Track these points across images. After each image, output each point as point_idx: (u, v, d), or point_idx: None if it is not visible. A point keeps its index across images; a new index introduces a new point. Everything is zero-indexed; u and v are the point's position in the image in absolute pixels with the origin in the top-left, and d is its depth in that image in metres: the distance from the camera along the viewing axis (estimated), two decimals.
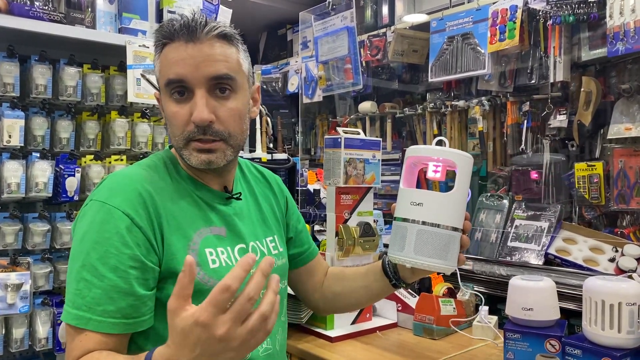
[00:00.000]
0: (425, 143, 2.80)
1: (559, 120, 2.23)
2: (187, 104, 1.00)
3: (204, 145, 1.01)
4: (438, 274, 1.78)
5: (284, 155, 2.03)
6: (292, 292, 1.37)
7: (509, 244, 2.20)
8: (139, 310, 0.94)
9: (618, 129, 2.00)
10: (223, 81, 1.00)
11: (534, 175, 2.31)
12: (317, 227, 2.13)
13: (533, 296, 1.25)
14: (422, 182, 1.29)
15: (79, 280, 0.92)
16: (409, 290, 1.77)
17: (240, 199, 1.16)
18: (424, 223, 1.03)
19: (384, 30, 2.86)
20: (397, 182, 2.96)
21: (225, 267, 1.05)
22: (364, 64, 2.88)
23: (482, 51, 2.35)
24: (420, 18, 2.75)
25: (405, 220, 1.06)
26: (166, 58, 1.01)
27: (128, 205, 0.96)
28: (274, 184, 1.30)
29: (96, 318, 0.90)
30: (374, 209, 1.75)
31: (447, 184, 1.12)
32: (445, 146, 1.09)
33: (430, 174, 1.08)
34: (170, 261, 0.99)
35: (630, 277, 1.46)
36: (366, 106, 3.01)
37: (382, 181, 2.52)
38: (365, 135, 1.81)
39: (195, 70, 0.98)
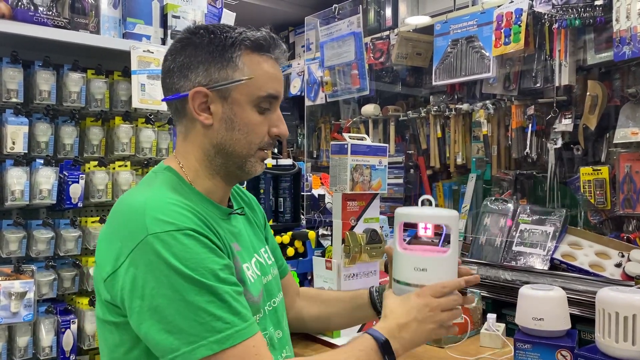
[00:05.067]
0: (428, 146, 2.79)
1: (564, 124, 2.22)
2: (266, 116, 1.05)
3: (267, 155, 1.09)
4: None
5: (289, 161, 2.02)
6: None
7: (514, 248, 2.20)
8: None
9: (624, 133, 1.99)
10: None
11: None
12: (321, 231, 2.12)
13: (543, 306, 1.24)
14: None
15: (201, 310, 0.87)
16: None
17: (244, 214, 1.16)
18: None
19: (387, 33, 2.85)
20: (400, 185, 2.96)
21: (253, 283, 1.05)
22: (367, 67, 2.87)
23: (487, 54, 2.35)
24: (422, 20, 2.74)
25: (408, 284, 1.12)
26: (262, 69, 1.02)
27: (197, 225, 0.93)
28: (251, 198, 1.31)
29: (243, 324, 0.89)
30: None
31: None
32: (432, 205, 1.17)
33: (421, 232, 1.16)
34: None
35: None
36: (369, 109, 3.00)
37: None
38: (368, 137, 1.80)
39: (282, 89, 1.07)
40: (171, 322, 0.86)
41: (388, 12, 2.90)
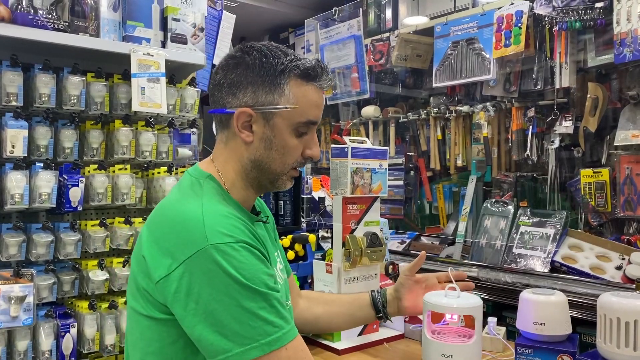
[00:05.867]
0: (428, 148, 2.79)
1: (565, 126, 2.22)
2: (302, 139, 1.12)
3: (297, 173, 1.16)
4: None
5: None
6: None
7: (514, 250, 2.19)
8: None
9: (625, 135, 1.99)
10: None
11: None
12: (321, 234, 2.11)
13: (545, 310, 1.24)
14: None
15: (254, 315, 0.94)
16: None
17: (268, 222, 1.23)
18: None
19: (387, 34, 2.85)
20: (400, 186, 2.96)
21: (281, 286, 1.11)
22: (367, 70, 2.87)
23: (487, 56, 2.34)
24: (421, 20, 2.74)
25: None
26: (306, 98, 1.09)
27: (250, 238, 1.01)
28: (262, 202, 1.36)
29: (289, 327, 0.97)
30: None
31: None
32: (457, 291, 1.29)
33: (447, 318, 1.31)
34: None
35: None
36: (369, 111, 3.00)
37: None
38: (368, 139, 1.79)
39: (321, 114, 1.14)
40: (226, 326, 0.93)
41: (388, 13, 2.90)
